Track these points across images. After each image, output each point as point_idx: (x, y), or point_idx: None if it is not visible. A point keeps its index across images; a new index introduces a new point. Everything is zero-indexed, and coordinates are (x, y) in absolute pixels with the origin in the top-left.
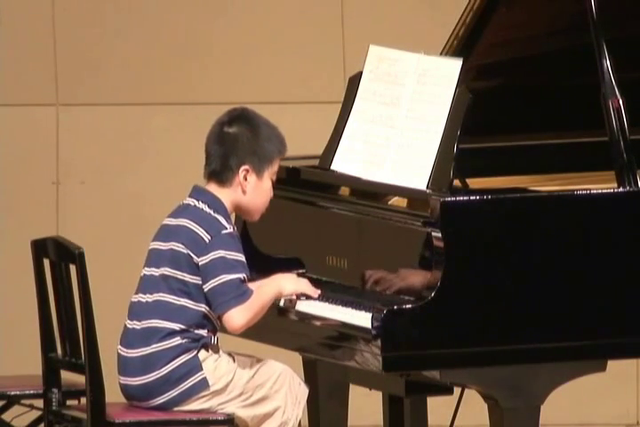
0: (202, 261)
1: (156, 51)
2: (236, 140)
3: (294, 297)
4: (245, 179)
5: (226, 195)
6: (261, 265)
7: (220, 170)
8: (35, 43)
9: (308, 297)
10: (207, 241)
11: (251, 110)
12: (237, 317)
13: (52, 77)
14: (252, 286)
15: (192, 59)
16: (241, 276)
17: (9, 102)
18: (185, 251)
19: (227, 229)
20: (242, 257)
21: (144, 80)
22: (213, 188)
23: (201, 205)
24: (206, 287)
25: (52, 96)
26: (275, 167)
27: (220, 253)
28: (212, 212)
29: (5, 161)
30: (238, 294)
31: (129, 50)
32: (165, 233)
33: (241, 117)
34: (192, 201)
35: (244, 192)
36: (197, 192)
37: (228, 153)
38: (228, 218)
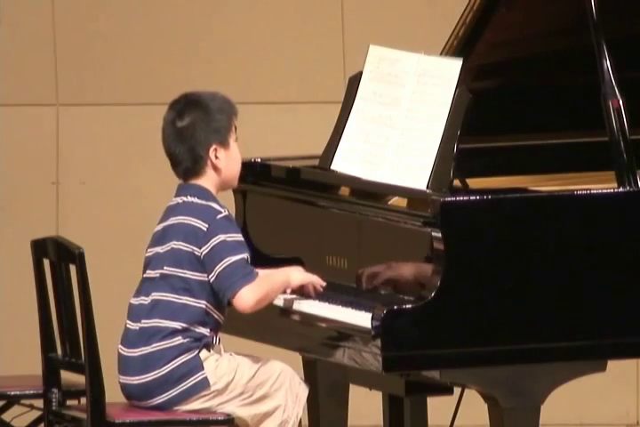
0: (204, 250)
1: (156, 51)
2: (194, 128)
3: (294, 296)
4: (217, 157)
5: (208, 182)
6: (262, 265)
7: (192, 165)
8: (35, 43)
9: (315, 290)
10: (205, 229)
11: (188, 93)
12: (248, 295)
13: (52, 77)
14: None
15: (192, 59)
16: (244, 256)
17: (9, 102)
18: (186, 248)
19: (221, 213)
20: (241, 237)
21: (144, 80)
22: (194, 182)
23: (190, 199)
24: (214, 274)
25: (52, 96)
26: (233, 129)
27: (220, 237)
28: (202, 201)
29: (5, 161)
30: (245, 273)
31: (129, 50)
32: (161, 237)
33: (186, 105)
34: (180, 199)
35: (221, 170)
36: (183, 189)
37: (193, 145)
38: (219, 203)
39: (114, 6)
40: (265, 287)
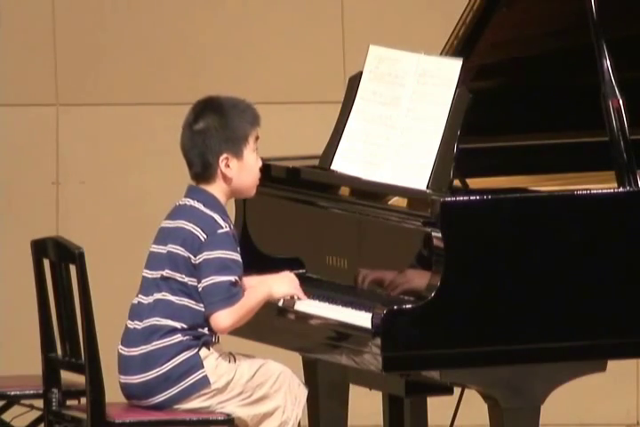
0: (197, 260)
1: (156, 51)
2: (206, 134)
3: (291, 297)
4: (228, 166)
5: (217, 189)
6: (261, 265)
7: (201, 170)
8: (35, 43)
9: (299, 298)
10: (203, 240)
11: (213, 97)
12: (223, 319)
13: (52, 77)
14: (248, 280)
15: (192, 59)
16: (232, 278)
17: (9, 102)
18: (183, 253)
19: (223, 228)
20: (237, 256)
21: (144, 80)
22: (204, 186)
23: (196, 204)
24: (199, 286)
25: (52, 96)
26: (252, 140)
27: (215, 253)
28: (207, 210)
29: (5, 161)
30: (228, 296)
31: (129, 50)
32: (163, 236)
33: (205, 109)
34: (187, 201)
35: (231, 179)
36: (192, 191)
37: (204, 151)
38: (224, 215)
39: (114, 6)
40: (244, 310)
